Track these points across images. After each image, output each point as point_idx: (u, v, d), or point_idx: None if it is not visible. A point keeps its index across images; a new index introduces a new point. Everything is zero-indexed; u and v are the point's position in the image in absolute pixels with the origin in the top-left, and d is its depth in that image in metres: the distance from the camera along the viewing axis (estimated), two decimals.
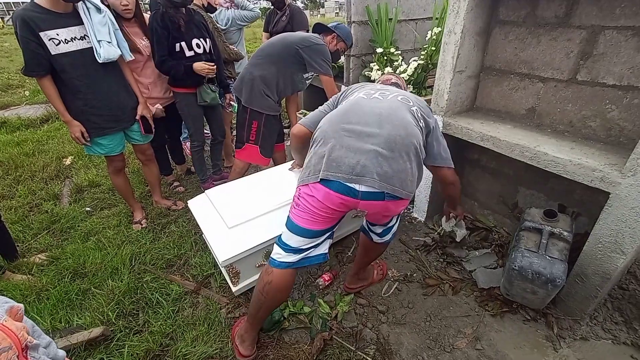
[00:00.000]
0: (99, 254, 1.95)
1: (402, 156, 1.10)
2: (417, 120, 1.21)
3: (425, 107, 1.32)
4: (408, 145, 1.11)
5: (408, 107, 1.22)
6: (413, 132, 1.14)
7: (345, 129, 1.14)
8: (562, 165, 1.34)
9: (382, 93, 1.27)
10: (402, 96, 1.27)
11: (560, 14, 1.45)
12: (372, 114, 1.16)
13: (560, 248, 1.34)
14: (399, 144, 1.10)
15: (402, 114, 1.18)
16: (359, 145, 1.09)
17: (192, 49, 2.10)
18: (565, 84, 1.51)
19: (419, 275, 1.78)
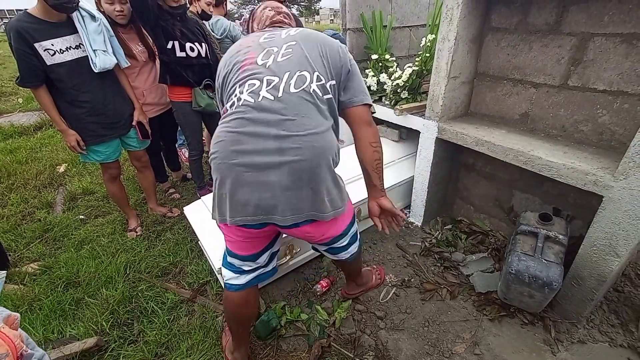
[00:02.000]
0: (92, 263, 1.92)
1: (313, 180, 0.97)
2: (323, 93, 1.03)
3: (332, 51, 1.08)
4: (317, 165, 0.96)
5: (308, 90, 0.99)
6: (322, 139, 0.98)
7: (241, 164, 0.95)
8: (555, 169, 1.36)
9: (273, 86, 0.99)
10: (298, 76, 1.00)
11: (551, 21, 1.48)
12: (269, 136, 0.94)
13: (556, 251, 1.35)
14: (306, 171, 0.95)
15: (303, 118, 0.97)
16: (261, 180, 0.94)
17: (184, 51, 2.08)
18: (557, 90, 1.54)
19: (416, 280, 1.78)
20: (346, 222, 1.22)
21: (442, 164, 2.03)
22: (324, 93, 1.04)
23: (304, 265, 1.92)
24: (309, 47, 1.06)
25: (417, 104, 2.10)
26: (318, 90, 1.02)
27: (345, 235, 1.25)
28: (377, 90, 2.32)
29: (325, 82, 1.04)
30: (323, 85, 1.04)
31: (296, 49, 1.05)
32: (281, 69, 1.01)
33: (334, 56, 1.09)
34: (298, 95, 0.99)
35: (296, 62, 1.03)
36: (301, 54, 1.04)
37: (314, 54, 1.05)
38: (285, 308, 1.63)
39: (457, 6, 1.58)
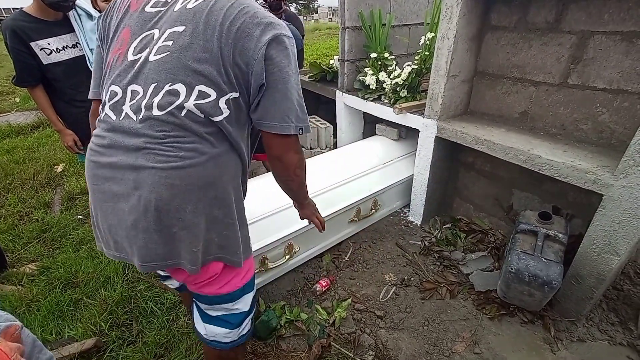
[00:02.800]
0: (91, 263, 1.91)
1: (168, 225, 0.75)
2: (206, 114, 0.75)
3: (246, 49, 0.74)
4: (176, 208, 0.75)
5: (179, 111, 0.74)
6: (192, 174, 0.75)
7: (99, 190, 0.78)
8: (555, 167, 1.36)
9: (136, 101, 0.75)
10: (166, 91, 0.74)
11: (551, 19, 1.47)
12: (126, 166, 0.74)
13: (555, 250, 1.35)
14: (162, 210, 0.74)
15: (168, 146, 0.74)
16: (117, 216, 0.77)
17: None
18: (557, 88, 1.54)
19: (416, 280, 1.78)
20: (237, 283, 0.92)
21: (441, 163, 2.03)
22: (209, 114, 0.75)
23: (304, 265, 1.91)
24: (202, 40, 0.73)
25: (417, 102, 2.10)
26: (196, 111, 0.74)
27: (235, 300, 0.93)
28: (376, 89, 2.31)
29: (215, 98, 0.75)
30: (210, 102, 0.75)
31: (180, 42, 0.74)
32: (148, 76, 0.74)
33: (245, 57, 0.74)
34: (162, 119, 0.73)
35: (170, 68, 0.73)
36: (183, 53, 0.73)
37: (207, 54, 0.73)
38: (284, 308, 1.62)
39: (456, 4, 1.57)
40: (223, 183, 0.81)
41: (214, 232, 0.82)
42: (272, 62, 0.76)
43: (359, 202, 1.98)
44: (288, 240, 1.71)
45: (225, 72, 0.75)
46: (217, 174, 0.80)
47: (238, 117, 0.81)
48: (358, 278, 1.82)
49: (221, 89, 0.76)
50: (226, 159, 0.82)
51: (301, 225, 1.72)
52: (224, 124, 0.78)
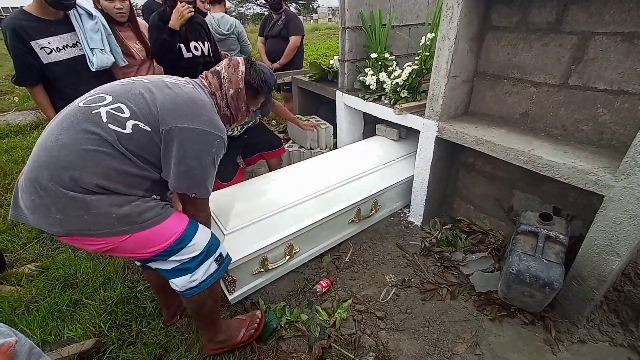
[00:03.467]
0: (90, 264, 1.90)
1: (33, 191, 0.90)
2: (105, 126, 0.92)
3: (157, 104, 0.97)
4: (36, 177, 0.90)
5: (87, 113, 0.93)
6: (52, 159, 0.90)
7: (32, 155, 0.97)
8: (556, 168, 1.35)
9: (82, 99, 0.99)
10: (91, 97, 0.98)
11: (551, 20, 1.47)
12: (43, 134, 0.97)
13: (556, 251, 1.35)
14: (27, 179, 0.92)
15: (56, 133, 0.92)
16: (20, 177, 0.98)
17: (190, 51, 2.10)
18: (558, 89, 1.53)
19: (416, 280, 1.78)
20: (139, 247, 1.02)
21: (441, 163, 2.03)
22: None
23: (304, 266, 1.91)
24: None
25: (417, 103, 2.09)
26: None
27: (159, 259, 1.06)
28: (376, 89, 2.31)
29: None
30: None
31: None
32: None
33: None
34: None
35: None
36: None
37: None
38: (285, 309, 1.62)
39: (457, 4, 1.57)
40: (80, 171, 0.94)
41: (78, 208, 0.95)
42: (168, 126, 1.00)
43: (359, 202, 1.97)
44: (288, 241, 1.70)
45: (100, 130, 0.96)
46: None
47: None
48: (358, 279, 1.82)
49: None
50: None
51: (302, 226, 1.72)
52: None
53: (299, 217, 1.74)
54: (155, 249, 1.01)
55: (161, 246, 1.01)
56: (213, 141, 1.04)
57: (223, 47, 2.81)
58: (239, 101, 1.19)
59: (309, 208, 1.79)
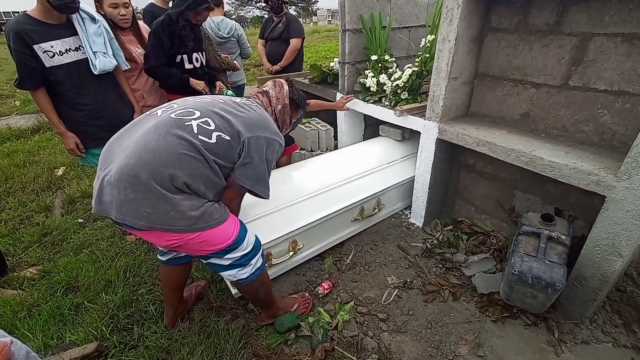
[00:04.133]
0: (92, 267, 1.90)
1: (130, 187, 1.00)
2: (196, 136, 1.08)
3: (234, 120, 1.17)
4: (139, 174, 1.00)
5: (181, 123, 1.09)
6: (161, 159, 1.02)
7: (107, 155, 1.10)
8: (557, 169, 1.36)
9: (168, 108, 1.18)
10: (181, 110, 1.15)
11: (551, 21, 1.48)
12: (131, 136, 1.10)
13: (558, 252, 1.35)
14: (124, 174, 1.01)
15: (156, 137, 1.05)
16: (101, 174, 1.07)
17: (191, 62, 2.14)
18: (558, 90, 1.54)
19: (418, 282, 1.78)
20: (205, 246, 1.17)
21: (442, 165, 2.03)
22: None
23: (305, 268, 1.91)
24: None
25: (417, 104, 2.10)
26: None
27: (215, 257, 1.22)
28: (376, 91, 2.32)
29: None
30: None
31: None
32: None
33: None
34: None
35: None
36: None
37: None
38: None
39: (457, 7, 1.58)
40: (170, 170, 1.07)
41: (166, 201, 1.07)
42: (241, 136, 1.19)
43: (363, 200, 1.98)
44: (293, 237, 1.71)
45: (192, 137, 1.14)
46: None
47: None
48: (360, 281, 1.81)
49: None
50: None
51: (306, 222, 1.72)
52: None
53: (304, 214, 1.76)
54: (216, 248, 1.18)
55: (221, 246, 1.18)
56: (276, 147, 1.26)
57: (223, 51, 2.82)
58: (285, 115, 1.42)
59: (313, 205, 1.81)
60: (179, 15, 1.95)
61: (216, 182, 1.16)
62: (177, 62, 2.07)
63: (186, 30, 2.02)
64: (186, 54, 2.09)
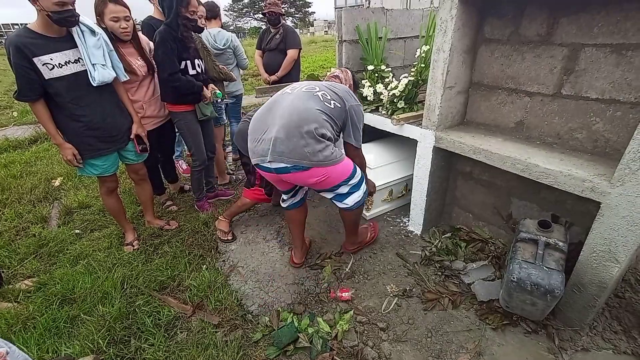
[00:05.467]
0: (88, 278, 1.88)
1: (296, 137, 1.43)
2: (322, 102, 1.53)
3: (337, 92, 1.62)
4: (299, 127, 1.44)
5: (310, 94, 1.56)
6: (308, 117, 1.46)
7: (263, 125, 1.55)
8: (553, 176, 1.37)
9: (293, 88, 1.65)
10: (307, 87, 1.61)
11: (542, 32, 1.52)
12: (279, 108, 1.54)
13: (556, 258, 1.35)
14: (292, 129, 1.44)
15: (301, 103, 1.51)
16: (266, 137, 1.49)
17: (194, 68, 2.18)
18: (551, 98, 1.57)
19: (418, 290, 1.77)
20: (338, 177, 1.59)
21: (440, 173, 2.05)
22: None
23: (304, 277, 1.90)
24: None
25: (414, 113, 2.13)
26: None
27: (343, 185, 1.63)
28: (373, 101, 2.35)
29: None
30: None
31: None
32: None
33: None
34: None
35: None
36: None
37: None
38: (293, 319, 1.61)
39: (450, 19, 1.62)
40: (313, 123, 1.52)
41: (319, 144, 1.50)
42: (347, 104, 1.66)
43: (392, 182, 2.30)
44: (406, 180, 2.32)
45: (323, 104, 1.60)
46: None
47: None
48: (360, 289, 1.81)
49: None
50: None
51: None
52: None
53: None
54: (344, 177, 1.60)
55: (346, 175, 1.60)
56: (362, 111, 1.70)
57: (220, 62, 2.85)
58: (350, 93, 1.71)
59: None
60: (175, 17, 1.98)
61: (336, 134, 1.58)
62: (182, 68, 2.09)
63: (187, 32, 2.06)
64: (189, 59, 2.12)
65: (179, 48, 2.05)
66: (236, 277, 1.93)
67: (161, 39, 2.00)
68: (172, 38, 2.00)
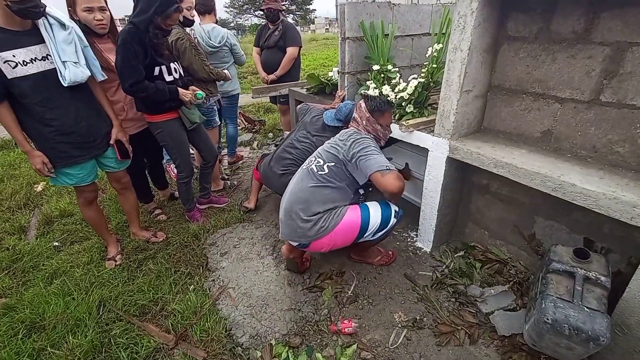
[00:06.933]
0: (62, 301, 1.69)
1: (290, 219, 1.59)
2: (317, 174, 1.61)
3: (333, 148, 1.65)
4: (290, 211, 1.59)
5: (307, 170, 1.66)
6: (298, 199, 1.59)
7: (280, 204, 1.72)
8: (593, 198, 1.17)
9: (308, 162, 1.73)
10: (310, 162, 1.69)
11: (579, 29, 1.31)
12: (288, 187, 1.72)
13: (597, 296, 1.15)
14: (287, 212, 1.61)
15: (295, 184, 1.65)
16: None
17: (171, 74, 1.93)
18: (587, 105, 1.36)
19: (429, 320, 1.57)
20: (348, 235, 1.62)
21: (453, 185, 1.85)
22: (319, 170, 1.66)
23: (301, 302, 1.70)
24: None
25: (425, 118, 1.92)
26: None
27: (364, 234, 1.64)
28: None
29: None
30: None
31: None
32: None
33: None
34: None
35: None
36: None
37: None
38: (288, 354, 1.41)
39: (470, 13, 1.41)
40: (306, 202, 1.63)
41: (310, 221, 1.59)
42: (343, 155, 1.63)
43: None
44: None
45: (318, 174, 1.66)
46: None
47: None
48: (364, 317, 1.61)
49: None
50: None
51: None
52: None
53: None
54: (355, 232, 1.60)
55: (356, 230, 1.60)
56: (368, 141, 1.61)
57: (215, 60, 2.65)
58: (372, 124, 1.66)
59: None
60: (148, 23, 1.72)
61: (342, 194, 1.62)
62: (156, 75, 1.85)
63: (158, 39, 1.80)
64: (164, 64, 1.87)
65: (149, 53, 1.77)
66: (226, 301, 1.74)
67: (122, 41, 1.69)
68: (137, 40, 1.71)
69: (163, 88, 1.84)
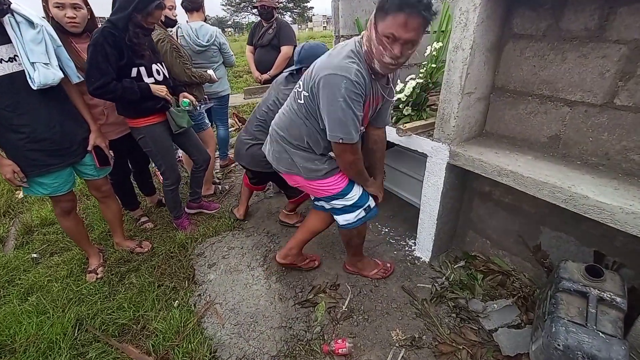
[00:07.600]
0: (35, 320, 1.57)
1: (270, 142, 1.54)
2: (297, 99, 1.37)
3: (311, 71, 1.27)
4: (271, 132, 1.53)
5: (293, 94, 1.43)
6: (277, 121, 1.49)
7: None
8: (608, 212, 1.07)
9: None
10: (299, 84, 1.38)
11: (592, 26, 1.20)
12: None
13: (613, 319, 1.05)
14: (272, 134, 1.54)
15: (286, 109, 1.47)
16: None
17: (151, 75, 1.80)
18: (599, 109, 1.26)
19: (428, 338, 1.47)
20: (329, 191, 1.49)
21: (453, 192, 1.74)
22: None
23: (292, 318, 1.60)
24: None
25: (423, 122, 1.81)
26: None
27: (329, 200, 1.53)
28: None
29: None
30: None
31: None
32: None
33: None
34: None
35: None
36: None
37: None
38: None
39: (473, 9, 1.30)
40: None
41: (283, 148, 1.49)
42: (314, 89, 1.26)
43: None
44: None
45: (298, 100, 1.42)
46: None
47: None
48: (359, 335, 1.51)
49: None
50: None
51: None
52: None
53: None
54: (325, 194, 1.50)
55: (329, 193, 1.49)
56: (339, 81, 1.13)
57: (203, 60, 2.53)
58: (368, 31, 1.16)
59: None
60: (126, 21, 1.60)
61: (319, 138, 1.37)
62: (134, 76, 1.72)
63: (138, 38, 1.67)
64: (143, 65, 1.74)
65: (126, 54, 1.65)
66: (212, 319, 1.63)
67: (93, 42, 1.56)
68: (110, 41, 1.57)
69: (131, 86, 1.68)
